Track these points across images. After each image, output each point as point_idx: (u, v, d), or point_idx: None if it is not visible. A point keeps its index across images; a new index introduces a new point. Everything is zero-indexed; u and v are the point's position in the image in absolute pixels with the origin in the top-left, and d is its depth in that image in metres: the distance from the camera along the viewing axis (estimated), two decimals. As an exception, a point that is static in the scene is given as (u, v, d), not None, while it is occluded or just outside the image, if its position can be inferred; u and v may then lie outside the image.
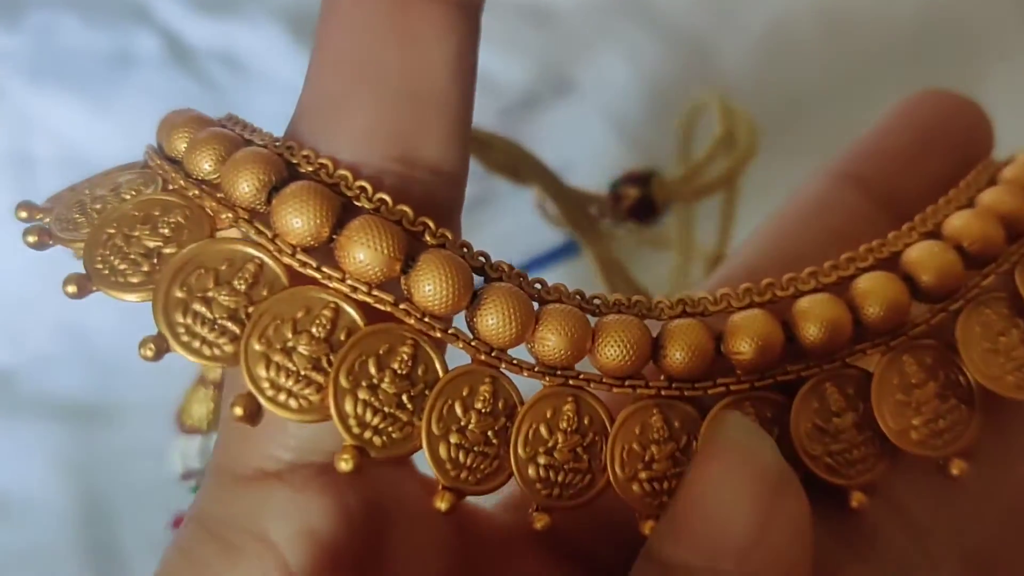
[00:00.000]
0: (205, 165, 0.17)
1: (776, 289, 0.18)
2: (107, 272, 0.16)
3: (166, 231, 0.16)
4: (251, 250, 0.16)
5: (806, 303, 0.17)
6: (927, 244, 0.18)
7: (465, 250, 0.17)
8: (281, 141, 0.17)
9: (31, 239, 0.17)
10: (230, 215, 0.17)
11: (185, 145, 0.17)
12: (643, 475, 0.17)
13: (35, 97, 0.46)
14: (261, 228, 0.17)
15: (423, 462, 0.17)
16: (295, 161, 0.17)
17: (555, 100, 0.47)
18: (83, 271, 0.16)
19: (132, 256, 0.16)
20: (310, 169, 0.17)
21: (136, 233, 0.16)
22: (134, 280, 0.16)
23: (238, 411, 0.15)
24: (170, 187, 0.17)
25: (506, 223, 0.41)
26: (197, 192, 0.17)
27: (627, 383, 0.17)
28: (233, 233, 0.17)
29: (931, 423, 0.17)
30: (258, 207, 0.17)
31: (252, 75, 0.47)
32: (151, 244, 0.16)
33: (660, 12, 0.51)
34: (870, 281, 0.18)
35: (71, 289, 0.16)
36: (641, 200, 0.30)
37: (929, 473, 0.17)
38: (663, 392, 0.17)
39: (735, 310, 0.18)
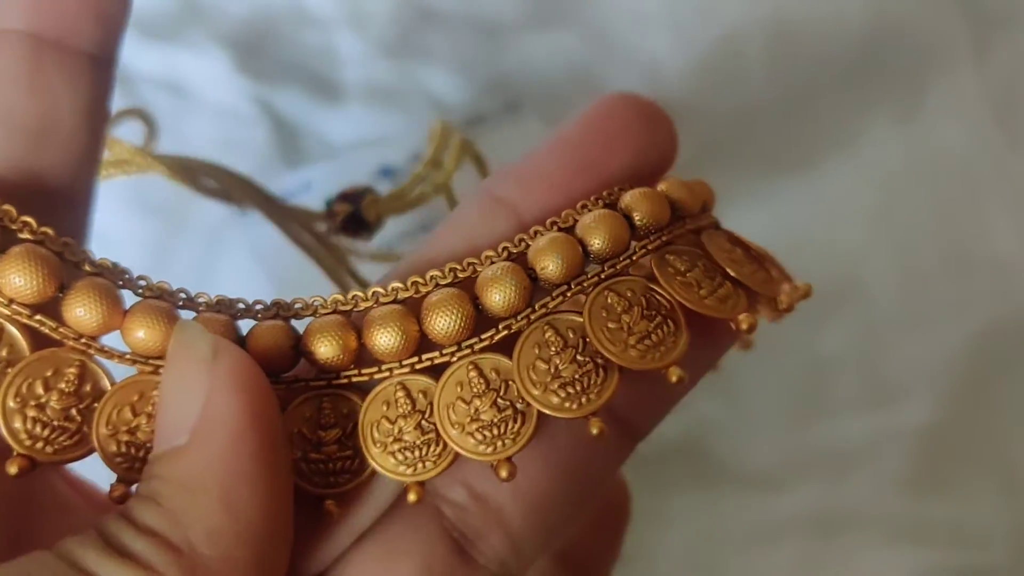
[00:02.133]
0: None
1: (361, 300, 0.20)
2: None
3: None
4: None
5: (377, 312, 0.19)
6: (548, 237, 0.20)
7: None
8: None
9: None
10: None
11: None
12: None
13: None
14: None
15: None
16: None
17: (502, 118, 0.47)
18: None
19: None
20: None
21: None
22: None
23: None
24: None
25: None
26: None
27: None
28: None
29: (569, 386, 0.19)
30: None
31: (193, 101, 0.47)
32: None
33: (608, 27, 0.52)
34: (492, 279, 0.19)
35: None
36: (351, 216, 0.32)
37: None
38: None
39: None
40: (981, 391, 0.43)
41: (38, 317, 0.18)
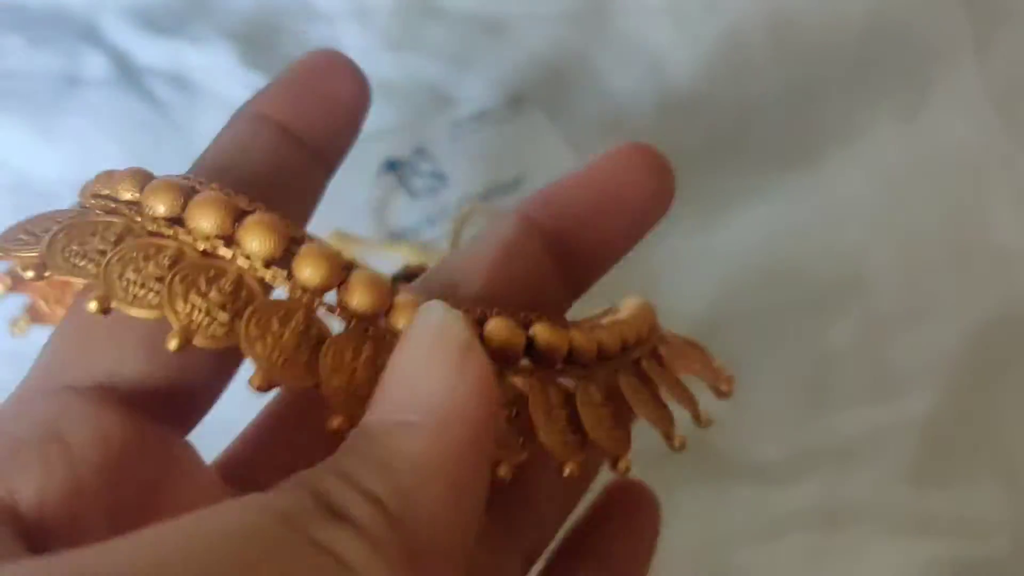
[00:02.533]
0: (160, 207, 0.21)
1: None
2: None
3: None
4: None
5: None
6: (502, 324, 0.22)
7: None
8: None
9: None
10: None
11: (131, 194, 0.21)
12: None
13: (-20, 122, 0.46)
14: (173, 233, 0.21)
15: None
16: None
17: (506, 112, 0.47)
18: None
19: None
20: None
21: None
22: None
23: (92, 305, 0.19)
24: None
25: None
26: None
27: None
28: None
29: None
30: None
31: (200, 95, 0.47)
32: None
33: (612, 23, 0.52)
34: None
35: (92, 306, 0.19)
36: None
37: None
38: None
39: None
40: (984, 385, 0.43)
41: (272, 269, 0.21)
